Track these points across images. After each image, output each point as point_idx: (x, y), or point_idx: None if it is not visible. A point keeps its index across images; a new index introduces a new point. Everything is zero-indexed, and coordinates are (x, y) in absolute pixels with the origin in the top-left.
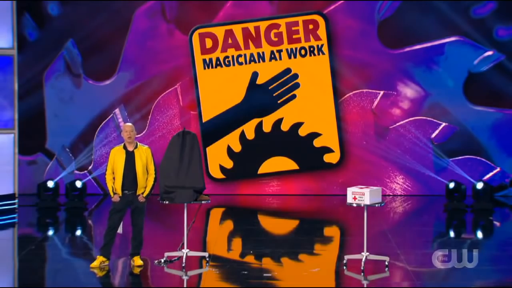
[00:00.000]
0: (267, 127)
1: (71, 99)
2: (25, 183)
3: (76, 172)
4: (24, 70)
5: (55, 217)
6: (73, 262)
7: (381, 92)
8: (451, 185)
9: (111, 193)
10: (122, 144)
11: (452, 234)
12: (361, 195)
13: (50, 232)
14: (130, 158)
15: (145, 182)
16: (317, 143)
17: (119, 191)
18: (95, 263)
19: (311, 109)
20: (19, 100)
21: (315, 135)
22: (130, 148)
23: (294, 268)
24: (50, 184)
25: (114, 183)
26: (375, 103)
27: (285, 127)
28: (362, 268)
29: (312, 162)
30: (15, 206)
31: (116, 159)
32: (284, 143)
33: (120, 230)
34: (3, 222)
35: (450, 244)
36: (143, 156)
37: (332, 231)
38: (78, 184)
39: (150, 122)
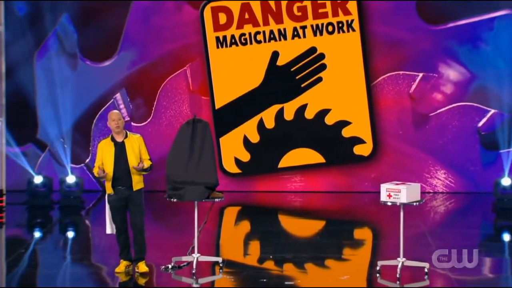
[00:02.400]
0: (289, 115)
1: (66, 82)
2: (14, 178)
3: (72, 165)
4: (12, 49)
5: (47, 217)
6: (68, 268)
7: (420, 75)
8: (506, 181)
9: (97, 174)
10: (110, 135)
11: (501, 237)
12: (396, 192)
13: (42, 234)
14: (120, 150)
15: (140, 175)
16: (346, 132)
17: (110, 189)
18: (121, 268)
19: (339, 94)
20: (6, 84)
21: (344, 123)
22: (119, 139)
23: (319, 276)
24: (38, 180)
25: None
26: (413, 87)
27: (309, 114)
28: (398, 276)
29: (340, 154)
30: (3, 204)
31: (105, 153)
32: (308, 133)
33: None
34: None
35: (499, 249)
36: (135, 146)
37: (363, 234)
38: (74, 179)
39: (156, 109)
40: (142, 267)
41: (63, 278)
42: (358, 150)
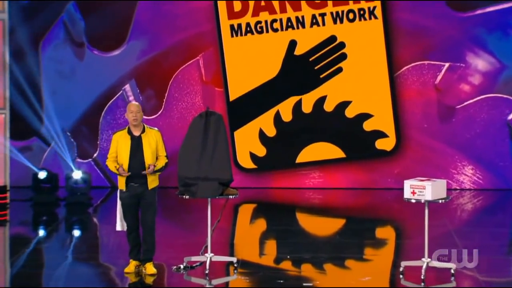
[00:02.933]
0: (307, 107)
1: (73, 73)
2: (18, 173)
3: (79, 160)
4: (16, 38)
5: (53, 214)
6: (75, 268)
7: (446, 65)
8: None
9: (116, 170)
10: (126, 127)
11: None
12: (421, 189)
13: (48, 232)
14: (136, 144)
15: (155, 174)
16: (367, 126)
17: (123, 185)
18: (130, 268)
19: (361, 85)
20: (10, 74)
21: (365, 116)
22: (136, 133)
23: (339, 277)
24: (42, 175)
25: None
26: (439, 77)
27: (329, 107)
28: (422, 277)
29: (361, 149)
30: (6, 200)
31: (120, 146)
32: (327, 126)
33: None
34: None
35: None
36: (152, 141)
37: (385, 233)
38: (81, 175)
39: (167, 101)
40: (150, 268)
41: (70, 279)
42: (381, 144)
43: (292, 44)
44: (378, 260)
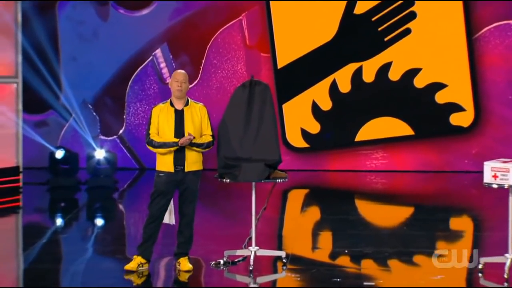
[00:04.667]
0: (368, 76)
1: (95, 35)
2: (33, 152)
3: (102, 137)
4: None
5: (73, 200)
6: (97, 263)
7: None
8: None
9: (175, 139)
10: (168, 100)
11: None
12: (504, 172)
13: (66, 221)
14: (179, 119)
15: (198, 154)
16: (440, 98)
17: (166, 165)
18: (131, 265)
19: (432, 50)
20: (22, 37)
21: (438, 86)
22: (178, 106)
23: (406, 275)
24: (60, 154)
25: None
26: None
27: (394, 75)
28: (505, 276)
29: (433, 125)
30: (19, 184)
31: (162, 120)
32: (393, 98)
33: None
34: (3, 206)
35: None
36: (196, 117)
37: (461, 223)
38: (104, 154)
39: (204, 69)
40: (185, 263)
41: (91, 276)
42: (456, 119)
43: (351, 1)
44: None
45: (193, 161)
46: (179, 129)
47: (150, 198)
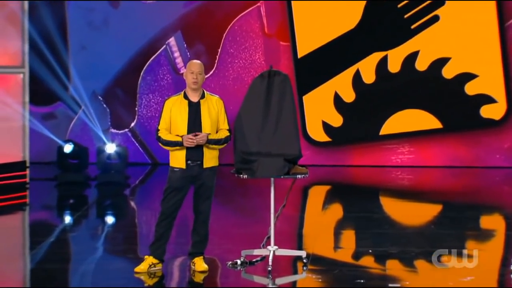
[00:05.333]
0: (394, 66)
1: (105, 23)
2: (40, 146)
3: (113, 131)
4: None
5: (82, 197)
6: (107, 263)
7: None
8: None
9: (177, 139)
10: (182, 92)
11: None
12: None
13: (75, 219)
14: (194, 112)
15: (215, 149)
16: (470, 89)
17: (179, 161)
18: (141, 267)
19: (462, 38)
20: (29, 26)
21: (468, 77)
22: (193, 98)
23: (434, 276)
24: (68, 148)
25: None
26: None
27: (422, 65)
28: None
29: (462, 117)
30: (26, 180)
31: (175, 114)
32: (420, 89)
33: None
34: (9, 203)
35: None
36: (213, 110)
37: (492, 222)
38: (115, 148)
39: (220, 58)
40: (200, 264)
41: (102, 276)
42: (487, 111)
43: None
44: (484, 256)
45: (212, 156)
46: (194, 124)
47: (163, 194)
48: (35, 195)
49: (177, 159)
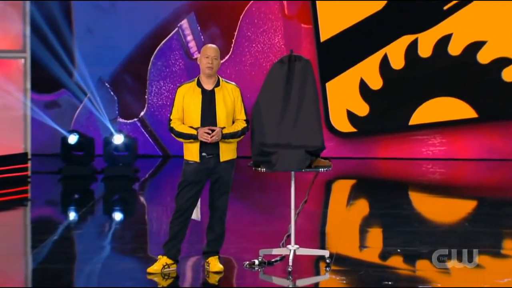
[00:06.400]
0: (425, 50)
1: (113, 5)
2: (43, 137)
3: (121, 120)
4: None
5: (88, 192)
6: (115, 263)
7: None
8: None
9: (191, 131)
10: (195, 79)
11: None
12: None
13: (81, 215)
14: (208, 101)
15: (232, 142)
16: (508, 75)
17: (193, 154)
18: (155, 267)
19: (499, 20)
20: (31, 7)
21: (505, 62)
22: (207, 86)
23: (467, 277)
24: (73, 139)
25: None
26: None
27: (455, 49)
28: None
29: (499, 106)
30: (27, 173)
31: (187, 102)
32: (453, 75)
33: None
34: (9, 198)
35: None
36: (228, 98)
37: None
38: (123, 140)
39: (237, 42)
40: (215, 264)
41: (110, 277)
42: None
43: None
44: None
45: (229, 149)
46: (208, 113)
47: (178, 188)
48: (37, 189)
49: (191, 152)
